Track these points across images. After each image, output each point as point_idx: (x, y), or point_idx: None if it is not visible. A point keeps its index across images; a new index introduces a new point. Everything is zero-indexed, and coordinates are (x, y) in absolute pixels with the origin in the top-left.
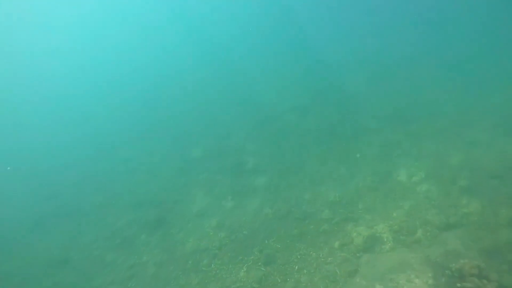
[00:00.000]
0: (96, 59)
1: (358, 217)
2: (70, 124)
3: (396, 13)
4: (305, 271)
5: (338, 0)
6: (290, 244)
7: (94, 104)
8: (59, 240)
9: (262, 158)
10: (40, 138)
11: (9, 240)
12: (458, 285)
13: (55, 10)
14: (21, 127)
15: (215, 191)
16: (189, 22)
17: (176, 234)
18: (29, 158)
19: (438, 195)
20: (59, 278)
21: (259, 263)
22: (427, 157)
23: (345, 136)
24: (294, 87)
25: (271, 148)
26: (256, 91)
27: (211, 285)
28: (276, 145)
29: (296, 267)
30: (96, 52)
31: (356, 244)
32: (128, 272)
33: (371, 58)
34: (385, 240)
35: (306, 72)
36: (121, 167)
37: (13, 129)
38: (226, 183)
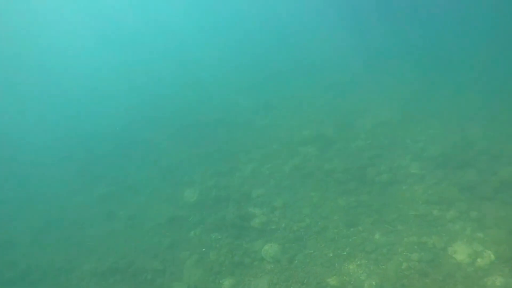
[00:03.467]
0: (85, 64)
1: None
2: (44, 149)
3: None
4: None
5: None
6: None
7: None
8: None
9: (272, 211)
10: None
11: None
12: None
13: None
14: None
15: (209, 259)
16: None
17: None
18: None
19: None
20: None
21: None
22: (495, 227)
23: (379, 183)
24: (314, 109)
25: (284, 196)
26: (266, 112)
27: None
28: (291, 192)
29: None
30: (87, 58)
31: None
32: None
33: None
34: None
35: (325, 89)
36: (96, 209)
37: None
38: (224, 247)
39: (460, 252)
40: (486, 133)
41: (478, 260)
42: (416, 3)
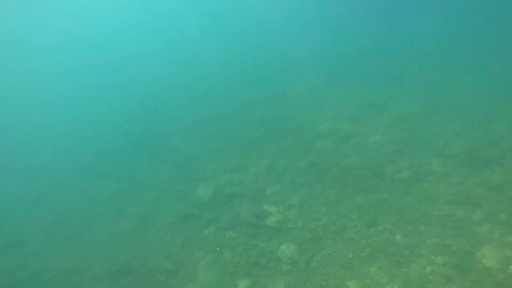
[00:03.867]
0: (85, 61)
1: None
2: (48, 141)
3: None
4: None
5: None
6: None
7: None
8: None
9: (288, 209)
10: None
11: None
12: None
13: None
14: None
15: (224, 259)
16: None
17: None
18: None
19: None
20: None
21: None
22: None
23: (399, 181)
24: (329, 102)
25: (299, 194)
26: (280, 105)
27: None
28: (307, 189)
29: None
30: (86, 54)
31: None
32: None
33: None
34: None
35: (341, 79)
36: (104, 206)
37: None
38: (239, 246)
39: (489, 257)
40: None
41: (510, 267)
42: None
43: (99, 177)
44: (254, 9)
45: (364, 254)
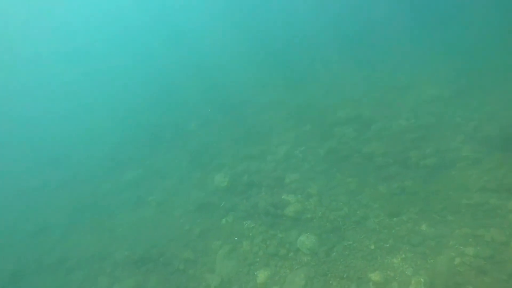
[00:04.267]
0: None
1: None
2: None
3: None
4: None
5: None
6: None
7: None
8: None
9: (307, 198)
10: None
11: None
12: None
13: None
14: None
15: (242, 249)
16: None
17: None
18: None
19: None
20: None
21: None
22: None
23: (424, 168)
24: (350, 86)
25: (319, 182)
26: (297, 90)
27: None
28: (327, 177)
29: None
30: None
31: None
32: None
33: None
34: None
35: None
36: (123, 194)
37: None
38: (258, 236)
39: None
40: None
41: None
42: None
43: (118, 165)
44: None
45: (387, 245)
